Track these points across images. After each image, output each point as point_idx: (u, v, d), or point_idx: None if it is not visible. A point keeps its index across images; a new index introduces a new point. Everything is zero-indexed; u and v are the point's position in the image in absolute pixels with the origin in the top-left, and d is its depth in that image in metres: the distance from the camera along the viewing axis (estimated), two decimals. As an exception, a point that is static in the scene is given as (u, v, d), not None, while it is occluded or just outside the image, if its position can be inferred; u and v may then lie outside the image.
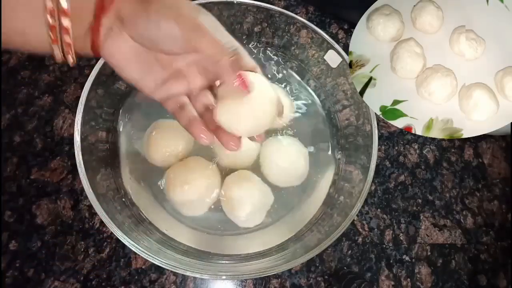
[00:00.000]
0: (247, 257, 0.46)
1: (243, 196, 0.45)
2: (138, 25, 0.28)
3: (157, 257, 0.38)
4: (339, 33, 0.64)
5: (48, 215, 0.49)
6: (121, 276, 0.47)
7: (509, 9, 0.45)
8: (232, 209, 0.46)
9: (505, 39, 0.44)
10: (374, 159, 0.43)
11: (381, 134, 0.58)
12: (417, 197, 0.55)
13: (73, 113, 0.54)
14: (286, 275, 0.49)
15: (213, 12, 0.51)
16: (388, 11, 0.46)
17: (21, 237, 0.48)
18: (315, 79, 0.55)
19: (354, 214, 0.41)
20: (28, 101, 0.54)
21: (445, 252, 0.53)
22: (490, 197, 0.57)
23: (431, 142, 0.59)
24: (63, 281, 0.46)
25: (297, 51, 0.54)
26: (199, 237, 0.47)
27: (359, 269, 0.51)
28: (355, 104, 0.49)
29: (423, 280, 0.51)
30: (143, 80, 0.31)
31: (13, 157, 0.51)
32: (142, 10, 0.27)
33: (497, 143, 0.60)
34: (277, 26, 0.52)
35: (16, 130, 0.52)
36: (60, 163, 0.51)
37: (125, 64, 0.30)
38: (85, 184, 0.39)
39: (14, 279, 0.46)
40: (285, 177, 0.49)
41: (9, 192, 0.49)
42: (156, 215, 0.47)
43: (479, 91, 0.42)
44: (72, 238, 0.48)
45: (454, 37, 0.45)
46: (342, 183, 0.49)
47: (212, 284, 0.48)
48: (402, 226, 0.54)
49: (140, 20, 0.28)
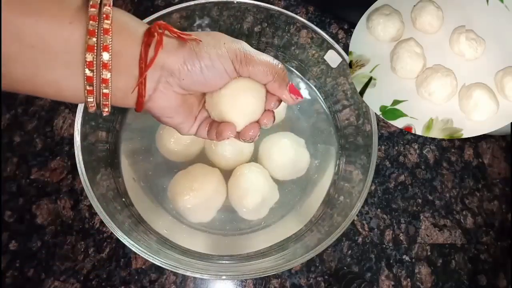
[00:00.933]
0: (247, 257, 0.46)
1: (254, 187, 0.45)
2: (192, 73, 0.28)
3: (157, 257, 0.38)
4: (339, 33, 0.64)
5: (48, 215, 0.49)
6: (121, 276, 0.47)
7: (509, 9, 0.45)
8: (240, 197, 0.46)
9: (505, 39, 0.44)
10: (374, 159, 0.43)
11: (381, 134, 0.58)
12: (417, 197, 0.55)
13: (73, 113, 0.54)
14: (286, 275, 0.49)
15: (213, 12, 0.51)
16: (388, 11, 0.46)
17: (21, 237, 0.48)
18: (315, 79, 0.55)
19: (354, 214, 0.41)
20: (28, 101, 0.54)
21: (445, 252, 0.53)
22: (490, 197, 0.57)
23: (431, 142, 0.59)
24: (63, 281, 0.46)
25: (297, 51, 0.54)
26: (200, 238, 0.47)
27: (359, 269, 0.51)
28: (355, 104, 0.49)
29: (423, 280, 0.51)
30: (184, 123, 0.32)
31: (13, 157, 0.51)
32: (193, 57, 0.27)
33: (497, 143, 0.60)
34: (277, 26, 0.52)
35: (16, 130, 0.52)
36: (60, 163, 0.51)
37: (173, 113, 0.30)
38: (85, 184, 0.39)
39: (14, 279, 0.46)
40: (287, 169, 0.49)
41: (9, 192, 0.49)
42: (156, 215, 0.47)
43: (479, 91, 0.42)
44: (72, 238, 0.48)
45: (454, 37, 0.45)
46: (342, 183, 0.49)
47: (212, 284, 0.48)
48: (402, 226, 0.54)
49: (195, 68, 0.28)
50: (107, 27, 0.25)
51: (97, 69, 0.25)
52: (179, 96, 0.30)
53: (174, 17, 0.48)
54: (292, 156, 0.48)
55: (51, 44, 0.23)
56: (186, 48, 0.28)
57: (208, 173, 0.47)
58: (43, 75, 0.24)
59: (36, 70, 0.24)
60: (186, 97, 0.31)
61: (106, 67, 0.25)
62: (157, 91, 0.28)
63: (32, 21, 0.22)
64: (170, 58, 0.27)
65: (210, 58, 0.28)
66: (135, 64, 0.27)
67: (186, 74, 0.28)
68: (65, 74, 0.25)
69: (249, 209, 0.46)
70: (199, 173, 0.46)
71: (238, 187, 0.46)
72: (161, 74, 0.28)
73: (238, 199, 0.46)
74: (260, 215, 0.48)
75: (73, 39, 0.24)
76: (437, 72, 0.43)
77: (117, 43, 0.25)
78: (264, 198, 0.46)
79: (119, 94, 0.27)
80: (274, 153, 0.48)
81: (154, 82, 0.28)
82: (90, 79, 0.25)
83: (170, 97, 0.29)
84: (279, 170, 0.49)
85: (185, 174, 0.47)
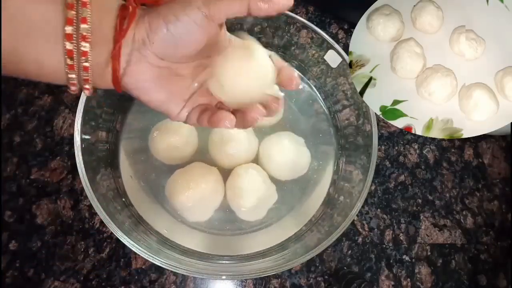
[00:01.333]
0: (247, 257, 0.46)
1: (250, 188, 0.45)
2: (160, 34, 0.27)
3: (157, 257, 0.38)
4: (339, 33, 0.64)
5: (48, 215, 0.49)
6: (121, 276, 0.47)
7: (509, 9, 0.45)
8: (236, 197, 0.46)
9: (505, 39, 0.44)
10: (374, 159, 0.43)
11: (381, 134, 0.58)
12: (417, 197, 0.55)
13: (73, 113, 0.54)
14: (286, 275, 0.49)
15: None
16: (388, 11, 0.46)
17: (21, 237, 0.48)
18: (315, 79, 0.55)
19: (354, 214, 0.41)
20: (28, 101, 0.54)
21: (445, 252, 0.53)
22: (490, 197, 0.57)
23: (431, 142, 0.59)
24: (63, 281, 0.46)
25: (297, 51, 0.54)
26: (200, 238, 0.47)
27: (359, 269, 0.51)
28: (355, 104, 0.49)
29: (423, 280, 0.51)
30: (169, 103, 0.31)
31: (13, 157, 0.51)
32: (158, 18, 0.27)
33: (497, 143, 0.60)
34: (277, 26, 0.52)
35: (16, 130, 0.52)
36: (60, 163, 0.51)
37: (150, 88, 0.29)
38: (85, 184, 0.39)
39: (14, 279, 0.46)
40: (287, 169, 0.49)
41: (9, 192, 0.49)
42: (156, 215, 0.47)
43: (479, 91, 0.42)
44: (72, 238, 0.48)
45: (454, 37, 0.45)
46: (342, 183, 0.49)
47: (212, 284, 0.48)
48: (402, 226, 0.54)
49: (161, 28, 0.27)
50: (85, 0, 0.25)
51: (77, 42, 0.25)
52: (156, 69, 0.29)
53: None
54: (292, 155, 0.48)
55: (30, 16, 0.24)
56: (151, 13, 0.27)
57: (205, 172, 0.47)
58: (24, 47, 0.25)
59: (17, 43, 0.24)
60: (166, 71, 0.29)
61: (85, 39, 0.25)
62: (131, 64, 0.28)
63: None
64: (138, 27, 0.27)
65: (174, 14, 0.27)
66: (112, 38, 0.27)
67: (154, 38, 0.27)
68: (45, 49, 0.25)
69: (246, 210, 0.46)
70: (196, 172, 0.46)
71: (235, 188, 0.46)
72: (133, 47, 0.27)
73: (235, 200, 0.46)
74: (258, 216, 0.48)
75: (52, 12, 0.25)
76: (437, 72, 0.43)
77: (95, 17, 0.26)
78: (261, 200, 0.46)
79: (98, 70, 0.27)
80: (275, 153, 0.48)
81: (127, 55, 0.27)
82: (71, 52, 0.25)
83: (146, 70, 0.28)
84: (280, 170, 0.49)
85: (183, 172, 0.47)
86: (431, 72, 0.43)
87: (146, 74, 0.28)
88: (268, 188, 0.47)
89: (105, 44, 0.27)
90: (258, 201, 0.46)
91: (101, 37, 0.27)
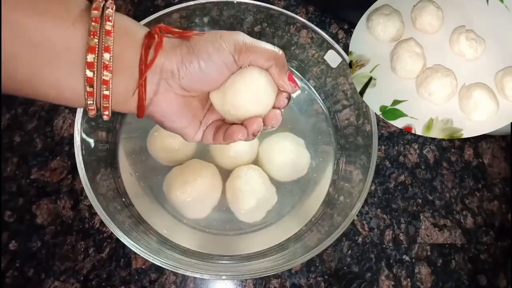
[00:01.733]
0: (247, 257, 0.46)
1: (249, 189, 0.45)
2: (191, 70, 0.27)
3: (157, 257, 0.38)
4: (339, 33, 0.64)
5: (48, 215, 0.49)
6: (121, 276, 0.47)
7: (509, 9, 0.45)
8: (235, 199, 0.46)
9: (505, 39, 0.44)
10: (374, 159, 0.43)
11: (381, 134, 0.58)
12: (417, 197, 0.55)
13: (73, 113, 0.54)
14: (286, 275, 0.49)
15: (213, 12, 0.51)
16: (388, 11, 0.46)
17: (21, 237, 0.48)
18: (315, 79, 0.55)
19: (354, 214, 0.41)
20: (28, 101, 0.54)
21: (445, 252, 0.53)
22: (490, 197, 0.57)
23: (431, 142, 0.59)
24: (63, 281, 0.46)
25: (297, 51, 0.54)
26: (200, 238, 0.47)
27: (359, 269, 0.51)
28: (355, 104, 0.49)
29: (423, 280, 0.51)
30: (189, 127, 0.31)
31: (13, 157, 0.51)
32: (190, 54, 0.27)
33: (497, 143, 0.60)
34: (277, 26, 0.52)
35: (16, 130, 0.52)
36: (60, 163, 0.51)
37: (176, 117, 0.30)
38: (85, 184, 0.39)
39: (14, 279, 0.46)
40: (287, 170, 0.49)
41: (9, 192, 0.49)
42: (156, 215, 0.47)
43: (479, 91, 0.42)
44: (72, 238, 0.48)
45: (454, 37, 0.45)
46: (342, 183, 0.49)
47: (212, 284, 0.48)
48: (402, 226, 0.54)
49: (193, 65, 0.27)
50: (109, 29, 0.25)
51: (98, 70, 0.25)
52: (181, 98, 0.29)
53: (174, 17, 0.48)
54: (292, 156, 0.48)
55: (54, 43, 0.24)
56: (183, 46, 0.28)
57: (202, 168, 0.47)
58: (44, 74, 0.24)
59: (38, 70, 0.24)
60: (189, 100, 0.30)
61: (107, 68, 0.25)
62: (158, 94, 0.28)
63: (37, 20, 0.23)
64: (168, 58, 0.27)
65: (207, 52, 0.27)
66: (136, 67, 0.27)
67: (184, 73, 0.27)
68: (66, 75, 0.25)
69: (244, 211, 0.46)
70: (193, 168, 0.46)
71: (234, 189, 0.46)
72: (161, 76, 0.27)
73: (233, 201, 0.46)
74: (256, 218, 0.48)
75: (75, 39, 0.24)
76: (437, 72, 0.43)
77: (118, 46, 0.25)
78: (260, 201, 0.46)
79: (119, 98, 0.27)
80: (275, 154, 0.48)
81: (154, 84, 0.28)
82: (91, 80, 0.25)
83: (172, 99, 0.29)
84: (280, 171, 0.49)
85: (180, 168, 0.47)
86: (431, 72, 0.43)
87: (172, 104, 0.29)
88: (268, 190, 0.47)
89: (128, 73, 0.27)
90: (257, 203, 0.46)
91: (124, 66, 0.26)
